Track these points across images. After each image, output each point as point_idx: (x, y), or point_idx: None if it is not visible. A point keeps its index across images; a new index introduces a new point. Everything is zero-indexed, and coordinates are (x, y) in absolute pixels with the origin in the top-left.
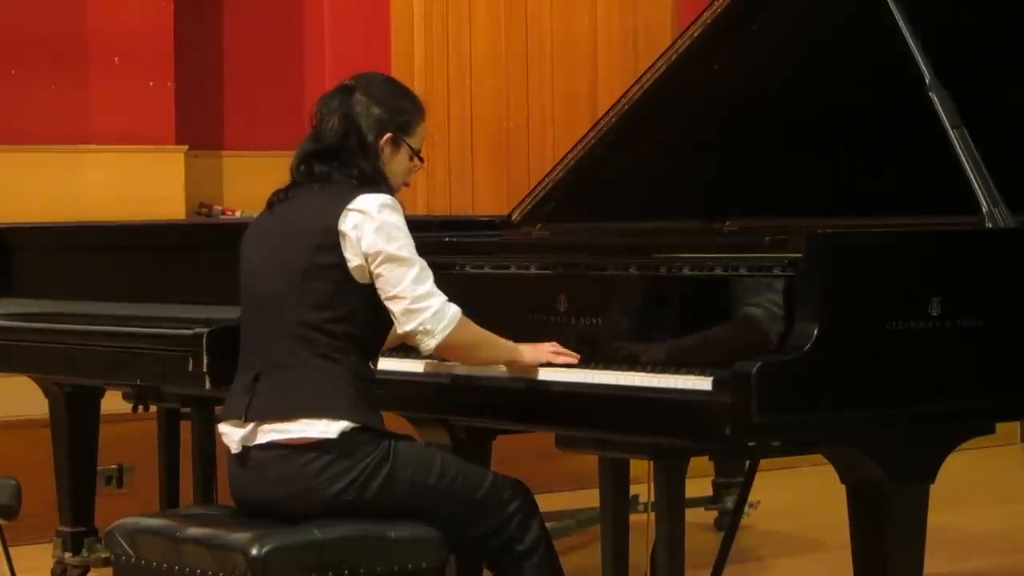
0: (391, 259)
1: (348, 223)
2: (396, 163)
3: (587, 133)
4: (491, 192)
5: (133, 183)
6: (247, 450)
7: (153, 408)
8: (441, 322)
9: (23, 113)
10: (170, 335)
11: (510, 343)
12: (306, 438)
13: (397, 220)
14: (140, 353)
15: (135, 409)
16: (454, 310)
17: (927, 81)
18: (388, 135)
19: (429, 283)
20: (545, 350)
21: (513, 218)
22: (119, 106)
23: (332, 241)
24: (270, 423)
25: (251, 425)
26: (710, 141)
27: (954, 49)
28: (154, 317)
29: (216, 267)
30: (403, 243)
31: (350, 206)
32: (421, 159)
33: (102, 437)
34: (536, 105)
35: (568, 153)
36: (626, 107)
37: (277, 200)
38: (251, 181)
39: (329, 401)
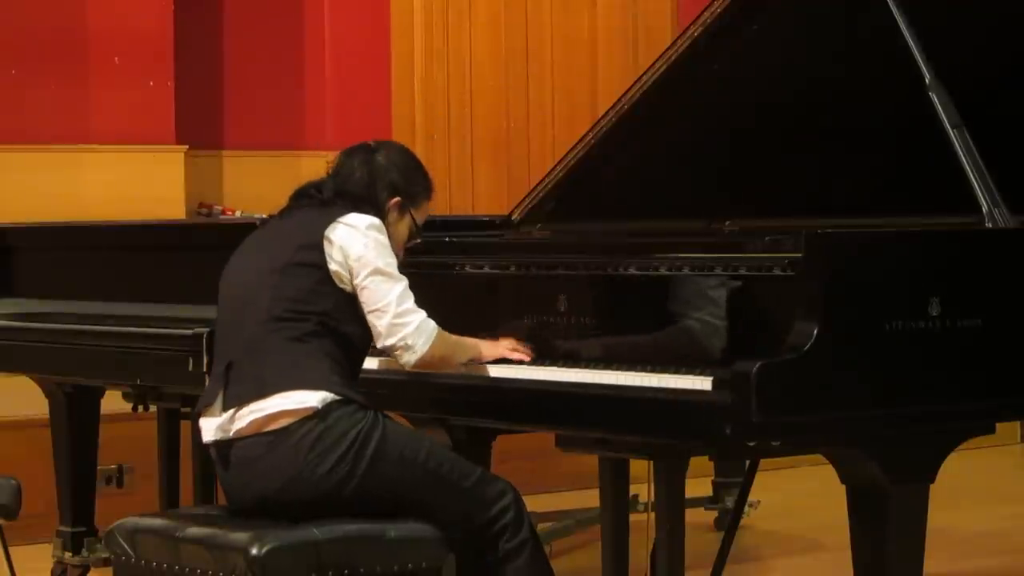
0: (379, 273)
1: (335, 232)
2: (397, 229)
3: (587, 133)
4: (491, 192)
5: (133, 183)
6: (228, 443)
7: (153, 408)
8: (421, 337)
9: (23, 113)
10: (170, 335)
11: (472, 342)
12: (286, 410)
13: (384, 240)
14: (140, 353)
15: (135, 409)
16: (432, 325)
17: (927, 81)
18: (397, 200)
19: (411, 301)
20: (502, 345)
21: (513, 218)
22: (119, 106)
23: (315, 242)
24: (248, 404)
25: (229, 413)
26: (710, 141)
27: (954, 49)
28: (154, 317)
29: (216, 267)
30: (390, 260)
31: (340, 219)
32: (419, 236)
33: (102, 437)
34: (536, 104)
35: (568, 153)
36: (626, 107)
37: (272, 220)
38: (251, 181)
39: (303, 373)
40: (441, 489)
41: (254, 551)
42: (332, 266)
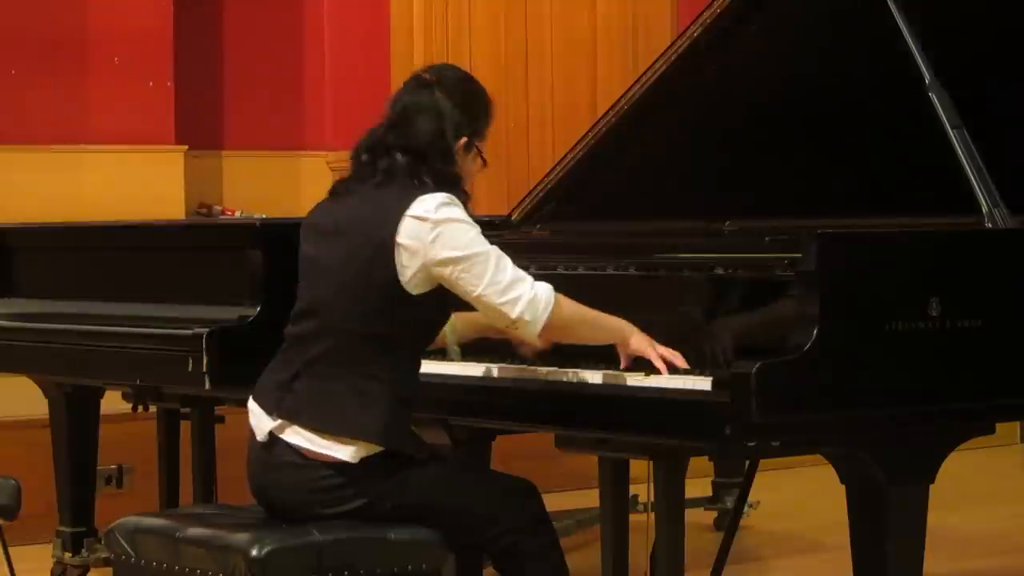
0: (464, 260)
1: (405, 233)
2: (466, 166)
3: (587, 133)
4: (491, 192)
5: (133, 183)
6: (274, 439)
7: (153, 408)
8: (538, 307)
9: (23, 113)
10: (170, 335)
11: (616, 321)
12: (327, 454)
13: (458, 214)
14: (140, 353)
15: (135, 409)
16: (546, 291)
17: (927, 81)
18: (464, 139)
19: (510, 269)
20: (655, 347)
21: (513, 218)
22: (119, 106)
23: (388, 254)
24: (300, 426)
25: (280, 422)
26: (710, 141)
27: (954, 49)
28: (154, 317)
29: (216, 267)
30: (469, 238)
31: (408, 212)
32: (485, 162)
33: (102, 437)
34: (536, 105)
35: (568, 153)
36: (626, 107)
37: (340, 191)
38: (251, 181)
39: (361, 425)
40: (460, 517)
41: (254, 552)
42: (407, 273)
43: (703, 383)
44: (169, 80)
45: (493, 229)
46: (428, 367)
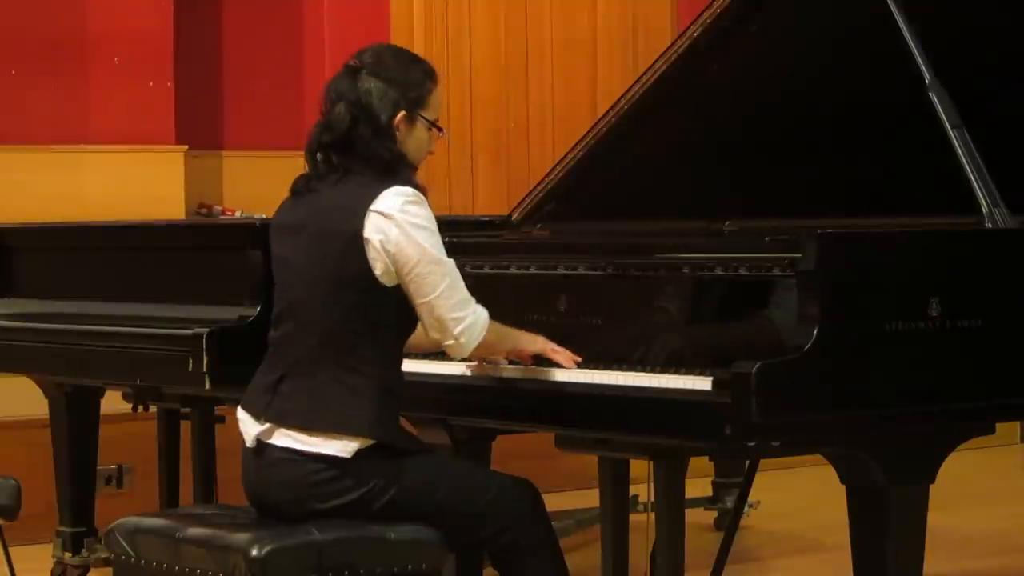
0: (423, 263)
1: (371, 227)
2: (413, 140)
3: (587, 133)
4: (491, 192)
5: (133, 183)
6: (262, 445)
7: (153, 408)
8: (475, 331)
9: (23, 113)
10: (170, 335)
11: (514, 333)
12: (320, 453)
13: (422, 213)
14: (140, 353)
15: (135, 409)
16: (484, 317)
17: (927, 81)
18: (402, 113)
19: (461, 288)
20: (542, 341)
21: (513, 218)
22: (119, 106)
23: (358, 248)
24: (289, 428)
25: (269, 426)
26: (710, 141)
27: (954, 49)
28: (154, 317)
29: (216, 267)
30: (431, 244)
31: (372, 207)
32: (440, 128)
33: (102, 437)
34: (536, 105)
35: (568, 153)
36: (626, 107)
37: (301, 190)
38: (251, 181)
39: (350, 419)
40: (456, 515)
41: (254, 552)
42: (376, 269)
43: (703, 383)
44: (169, 80)
45: (493, 229)
46: (428, 367)
